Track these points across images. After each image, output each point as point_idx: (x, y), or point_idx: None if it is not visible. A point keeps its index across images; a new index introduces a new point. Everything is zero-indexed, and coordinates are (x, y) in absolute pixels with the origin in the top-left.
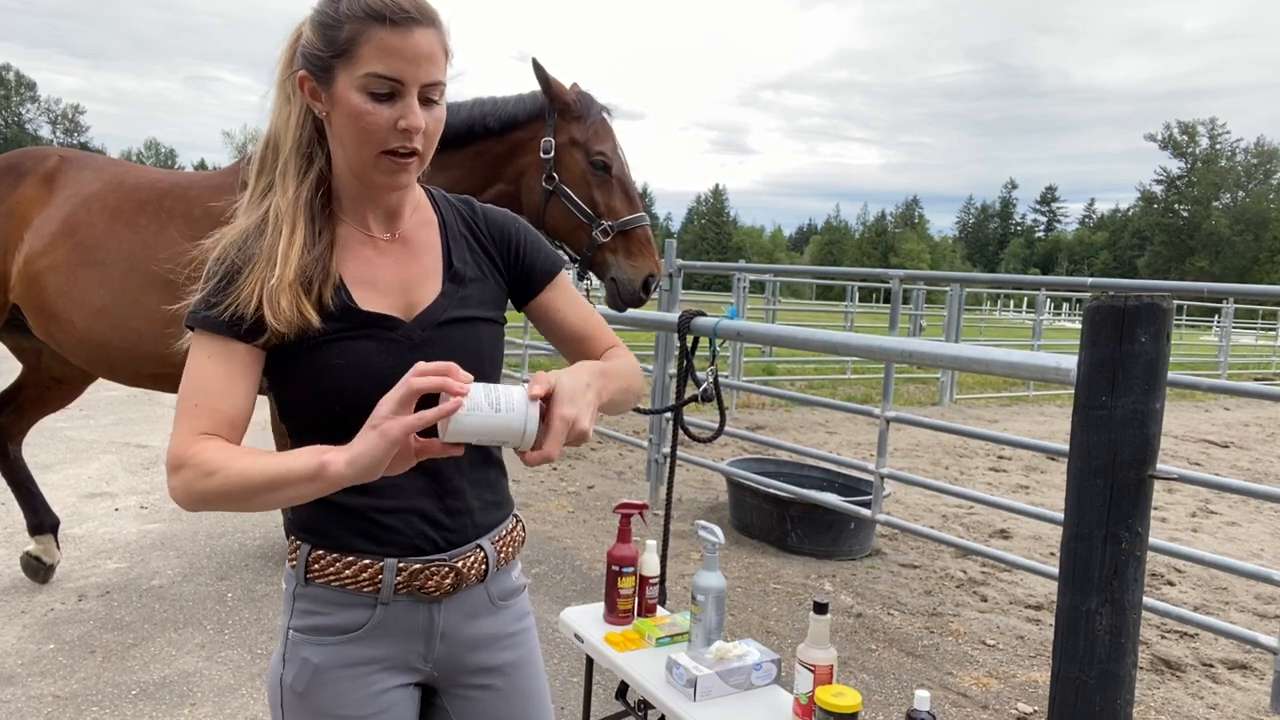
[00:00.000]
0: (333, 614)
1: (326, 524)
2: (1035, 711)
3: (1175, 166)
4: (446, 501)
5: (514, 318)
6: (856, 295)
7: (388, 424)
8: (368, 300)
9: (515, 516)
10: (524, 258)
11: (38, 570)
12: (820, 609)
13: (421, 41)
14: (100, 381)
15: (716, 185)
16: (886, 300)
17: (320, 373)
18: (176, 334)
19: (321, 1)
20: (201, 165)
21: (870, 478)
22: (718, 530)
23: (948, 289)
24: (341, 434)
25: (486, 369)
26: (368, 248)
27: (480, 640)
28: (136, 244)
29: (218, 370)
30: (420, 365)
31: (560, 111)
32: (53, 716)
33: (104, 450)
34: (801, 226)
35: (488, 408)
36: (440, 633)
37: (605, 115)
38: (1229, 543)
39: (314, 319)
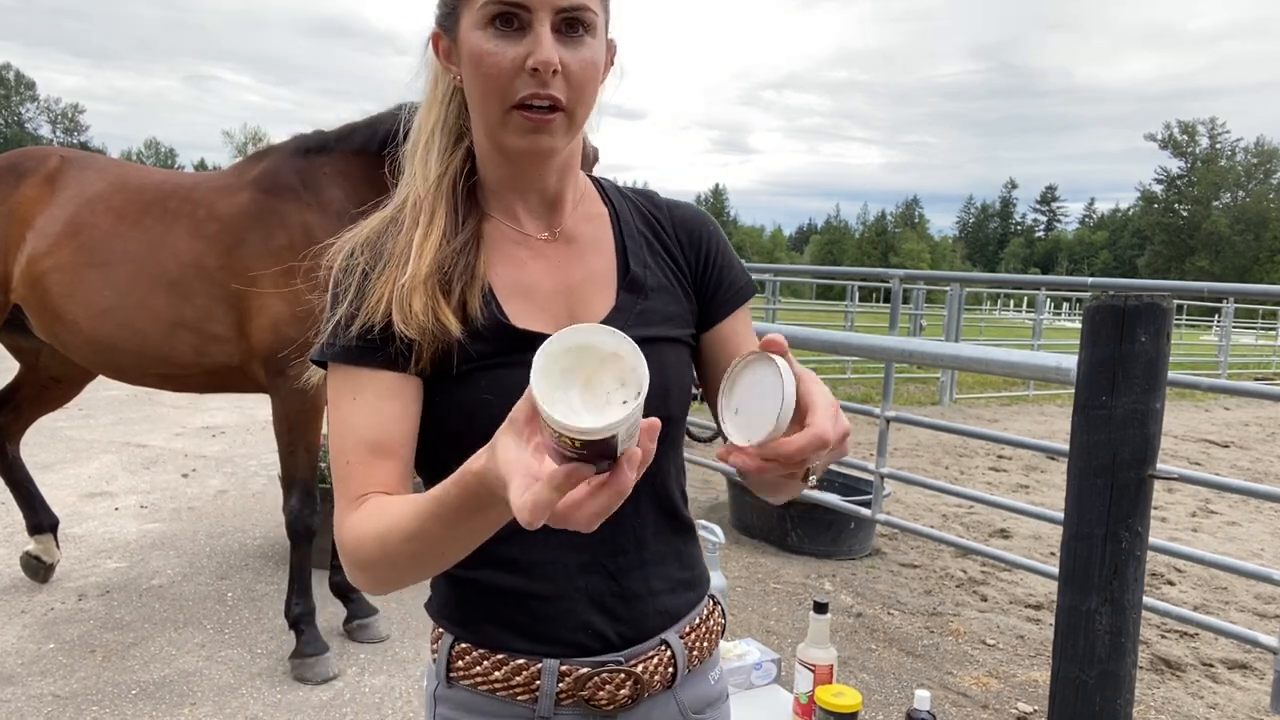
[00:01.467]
0: None
1: (473, 611)
2: (1035, 711)
3: (1175, 166)
4: (622, 583)
5: None
6: (856, 295)
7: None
8: (522, 315)
9: (712, 598)
10: (715, 271)
11: (38, 570)
12: (820, 609)
13: None
14: (100, 380)
15: (716, 185)
16: (886, 300)
17: (464, 408)
18: (183, 335)
19: None
20: (201, 165)
21: (870, 477)
22: (718, 530)
23: (948, 289)
24: None
25: (673, 405)
26: (521, 248)
27: None
28: (142, 245)
29: (365, 411)
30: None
31: None
32: (53, 716)
33: (104, 450)
34: (801, 226)
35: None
36: None
37: None
38: (1229, 542)
39: (453, 326)
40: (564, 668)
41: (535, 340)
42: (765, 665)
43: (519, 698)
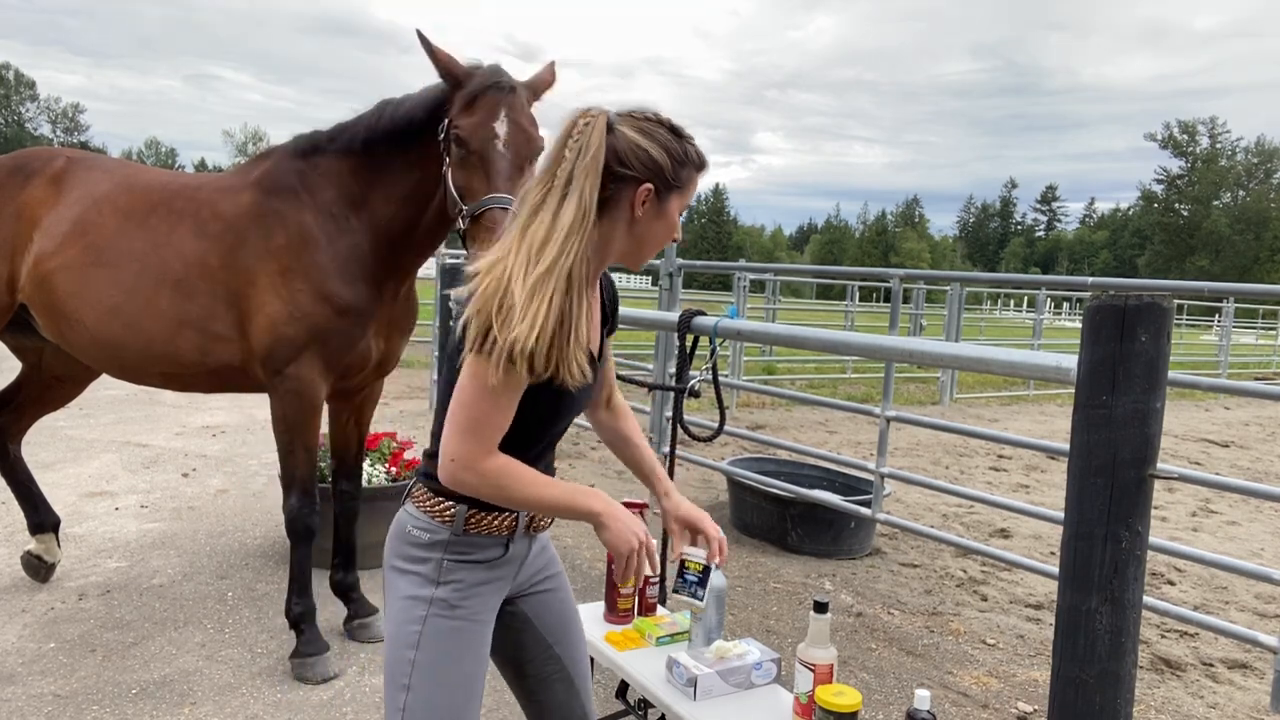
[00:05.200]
0: (479, 551)
1: (481, 500)
2: (1035, 710)
3: (1175, 166)
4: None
5: None
6: (857, 294)
7: (636, 556)
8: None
9: None
10: (612, 314)
11: (38, 569)
12: (820, 608)
13: None
14: (101, 380)
15: (717, 184)
16: (887, 299)
17: (535, 403)
18: (187, 334)
19: (669, 136)
20: (202, 165)
21: (870, 477)
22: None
23: (948, 288)
24: (528, 441)
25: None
26: (590, 313)
27: (542, 560)
28: (148, 244)
29: (503, 401)
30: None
31: (454, 88)
32: (53, 715)
33: (104, 449)
34: (802, 226)
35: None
36: (528, 558)
37: (492, 89)
38: (1229, 542)
39: (590, 376)
40: (528, 514)
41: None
42: (765, 665)
43: (503, 533)
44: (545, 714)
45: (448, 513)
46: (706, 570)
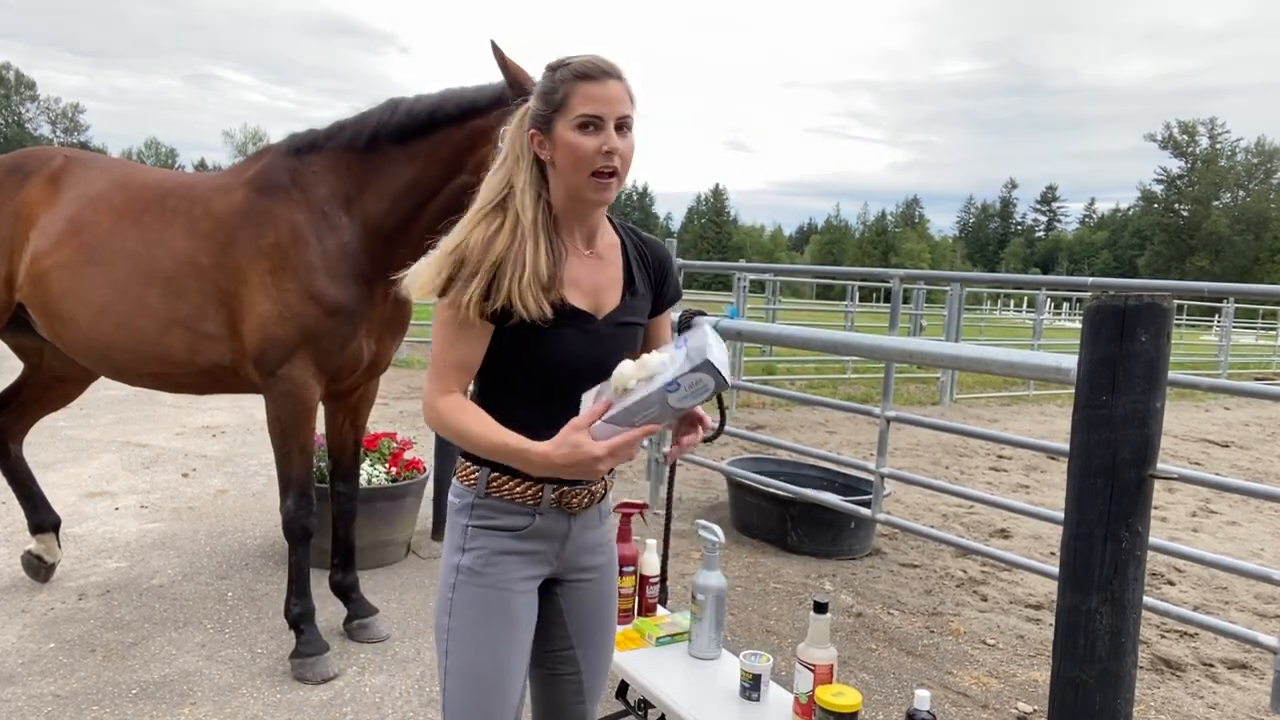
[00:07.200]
0: (503, 518)
1: (502, 464)
2: (1035, 711)
3: (1175, 166)
4: None
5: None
6: (857, 295)
7: (592, 461)
8: (573, 297)
9: None
10: (665, 286)
11: (38, 569)
12: (820, 608)
13: (613, 88)
14: (100, 381)
15: (717, 184)
16: (887, 300)
17: (531, 351)
18: (177, 333)
19: (543, 78)
20: (201, 165)
21: (870, 477)
22: (718, 529)
23: (948, 288)
24: (532, 400)
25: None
26: (574, 258)
27: (590, 545)
28: (140, 242)
29: (462, 343)
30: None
31: (520, 97)
32: (53, 715)
33: (104, 449)
34: (802, 226)
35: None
36: (570, 538)
37: None
38: (1229, 542)
39: (548, 312)
40: (554, 488)
41: (578, 314)
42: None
43: (528, 503)
44: (546, 706)
45: (472, 476)
46: (758, 677)
